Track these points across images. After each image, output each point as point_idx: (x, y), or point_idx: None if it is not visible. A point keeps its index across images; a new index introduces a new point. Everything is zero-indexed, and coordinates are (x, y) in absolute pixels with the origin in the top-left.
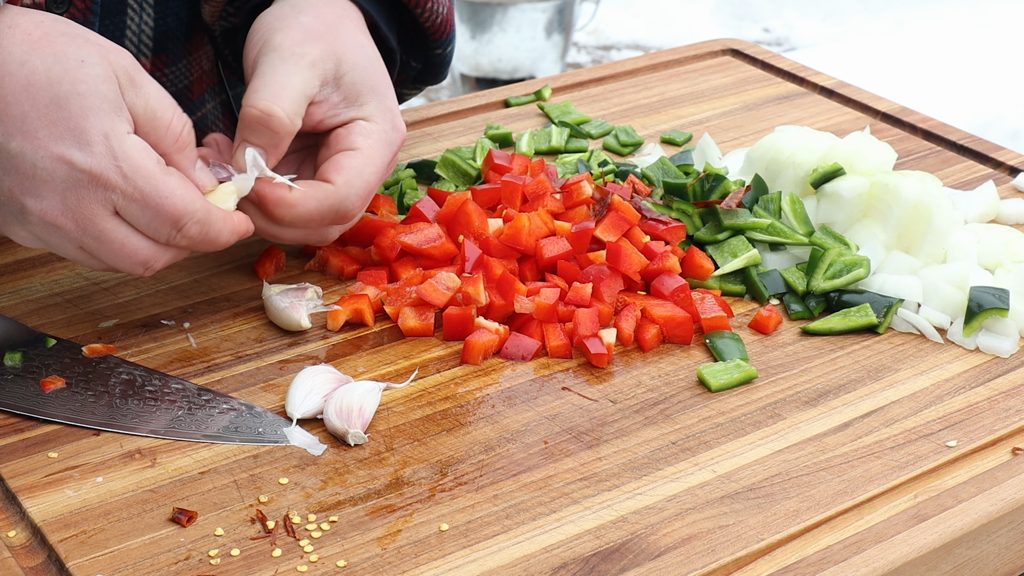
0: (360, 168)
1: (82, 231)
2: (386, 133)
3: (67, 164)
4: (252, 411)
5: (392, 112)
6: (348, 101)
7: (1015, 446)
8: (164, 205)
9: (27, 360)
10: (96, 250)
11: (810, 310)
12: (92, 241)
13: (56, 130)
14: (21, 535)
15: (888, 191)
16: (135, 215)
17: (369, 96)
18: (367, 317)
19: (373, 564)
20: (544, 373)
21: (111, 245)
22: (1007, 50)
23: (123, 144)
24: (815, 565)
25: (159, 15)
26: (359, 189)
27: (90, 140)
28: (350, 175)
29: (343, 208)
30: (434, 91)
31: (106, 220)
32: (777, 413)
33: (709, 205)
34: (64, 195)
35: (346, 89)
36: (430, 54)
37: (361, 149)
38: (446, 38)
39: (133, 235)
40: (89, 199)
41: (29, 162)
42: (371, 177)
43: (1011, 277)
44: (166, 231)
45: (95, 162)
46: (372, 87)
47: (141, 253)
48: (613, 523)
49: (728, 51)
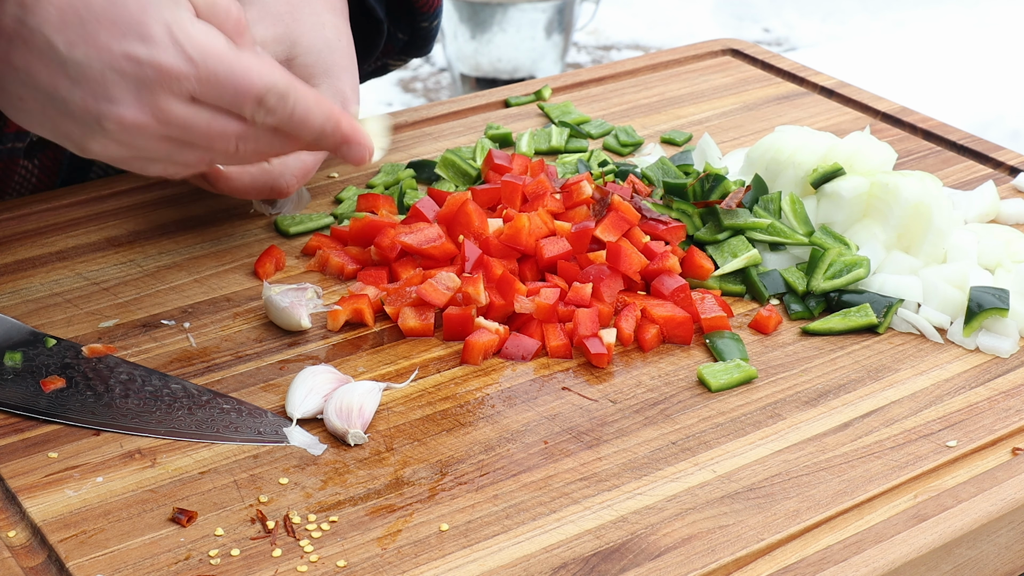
0: None
1: (164, 124)
2: None
3: (134, 61)
4: (252, 411)
5: (343, 95)
6: None
7: (1015, 446)
8: (242, 82)
9: (27, 360)
10: (185, 136)
11: (810, 310)
12: (178, 130)
13: (117, 29)
14: (21, 535)
15: (888, 191)
16: (215, 97)
17: (320, 80)
18: (367, 317)
19: (373, 564)
20: (544, 373)
21: (197, 129)
22: (1007, 50)
23: (187, 31)
24: (815, 565)
25: None
26: (294, 169)
27: (152, 33)
28: (288, 156)
29: (277, 185)
30: (434, 91)
31: (186, 109)
32: (777, 413)
33: (709, 205)
34: (138, 93)
35: (297, 72)
36: (416, 27)
37: None
38: (433, 11)
39: (218, 116)
40: (164, 92)
41: (96, 68)
42: (308, 158)
43: (1011, 277)
44: (250, 108)
45: (162, 54)
46: (325, 71)
47: (231, 128)
48: (613, 523)
49: (728, 51)
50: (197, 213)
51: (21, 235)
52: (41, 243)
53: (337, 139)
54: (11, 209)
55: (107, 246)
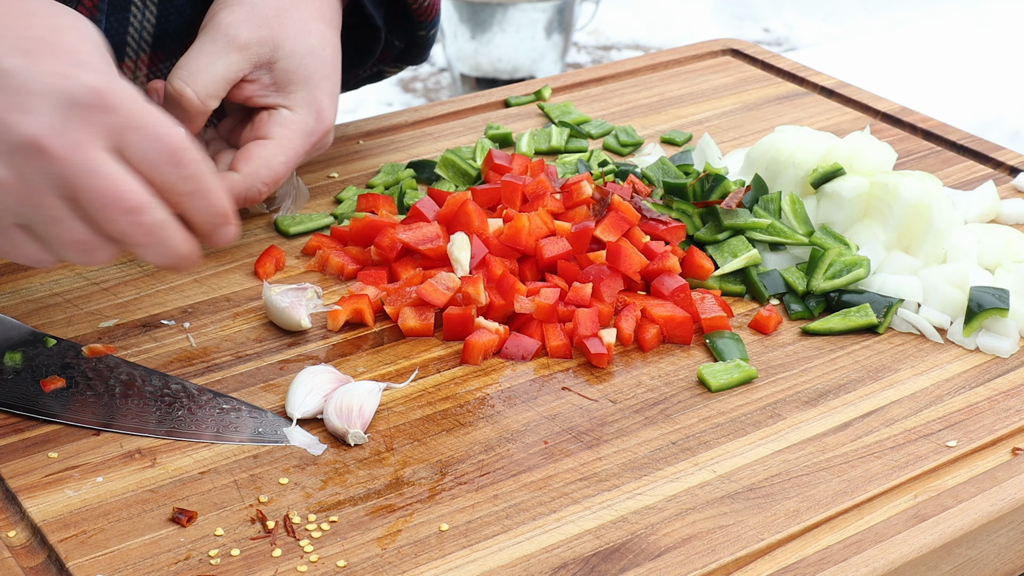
0: (268, 158)
1: (72, 160)
2: (306, 124)
3: (67, 79)
4: (252, 411)
5: (318, 104)
6: (277, 87)
7: (1015, 446)
8: (163, 134)
9: (27, 360)
10: (82, 187)
11: (810, 310)
12: (81, 175)
13: (55, 51)
14: (21, 535)
15: (888, 191)
16: (135, 143)
17: (298, 86)
18: (367, 317)
19: (373, 564)
20: (544, 373)
21: (101, 180)
22: (1007, 50)
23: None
24: (815, 565)
25: (162, 13)
26: (264, 177)
27: (89, 62)
28: (257, 164)
29: (249, 195)
30: (434, 91)
31: (100, 150)
32: (777, 413)
33: (709, 205)
34: (60, 112)
35: (277, 75)
36: (414, 35)
37: (275, 139)
38: (431, 20)
39: (127, 174)
40: (87, 121)
41: (24, 77)
42: (279, 167)
43: (1011, 277)
44: (164, 167)
45: (96, 79)
46: (304, 77)
47: (133, 195)
48: (613, 523)
49: (728, 51)
50: None
51: None
52: None
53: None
54: None
55: None
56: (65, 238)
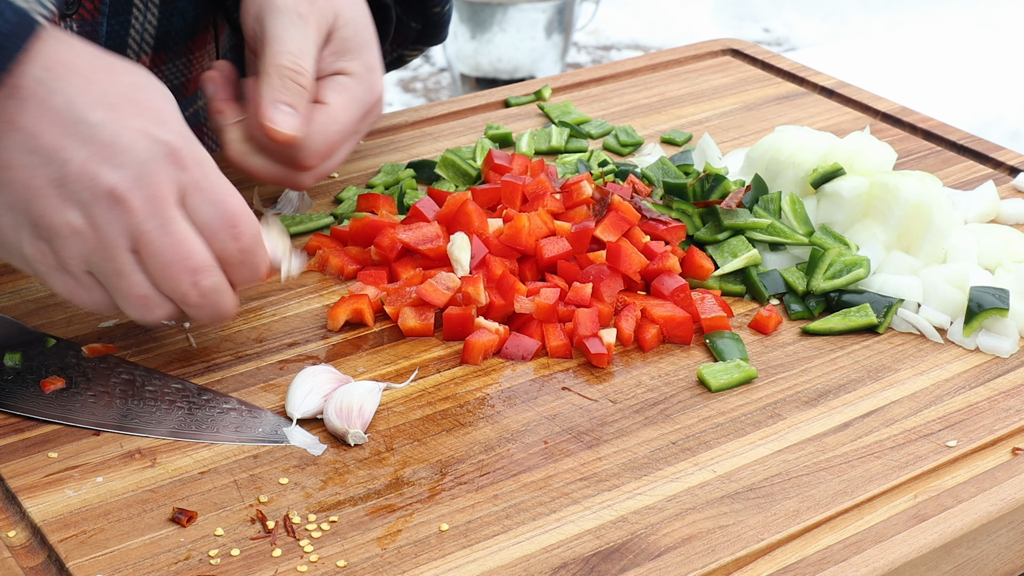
0: (324, 124)
1: (149, 213)
2: (361, 92)
3: (148, 136)
4: (252, 411)
5: (372, 71)
6: (336, 55)
7: (1015, 446)
8: (228, 202)
9: (27, 360)
10: (154, 242)
11: (810, 310)
12: (155, 228)
13: (138, 108)
14: (21, 535)
15: (888, 191)
16: (199, 206)
17: (355, 53)
18: (367, 317)
19: (373, 564)
20: (544, 373)
21: (172, 237)
22: (1007, 50)
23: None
24: (815, 565)
25: (163, 15)
26: (319, 144)
27: (168, 121)
28: (312, 131)
29: (299, 159)
30: (434, 91)
31: (174, 207)
32: (777, 413)
33: (709, 205)
34: (141, 167)
35: (336, 44)
36: (428, 13)
37: (330, 105)
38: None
39: (193, 234)
40: (164, 176)
41: (111, 131)
42: (334, 135)
43: (1011, 277)
44: (223, 234)
45: (175, 139)
46: (360, 44)
47: (197, 256)
48: (613, 523)
49: (728, 51)
50: None
51: None
52: None
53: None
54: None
55: None
56: (128, 291)
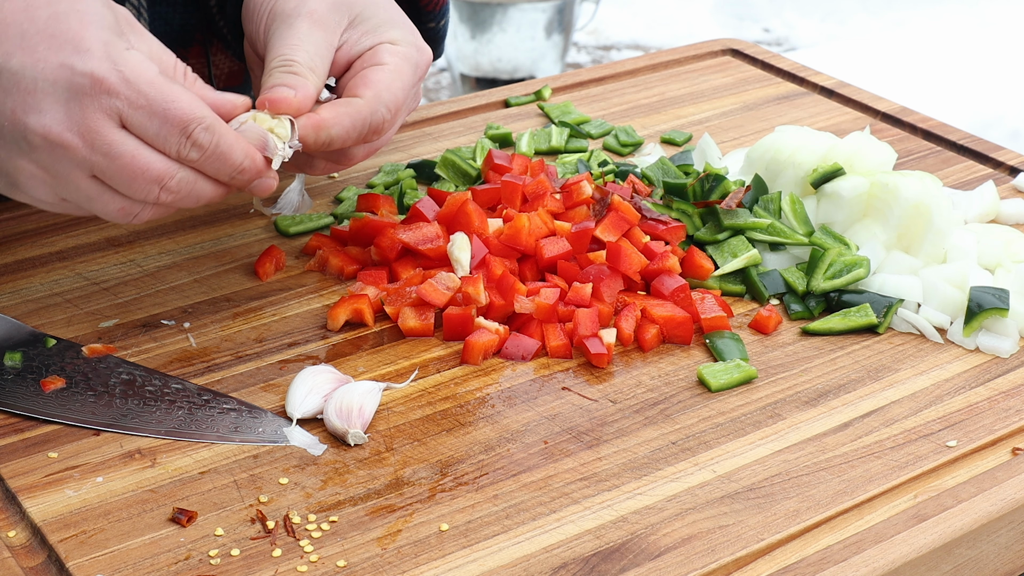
0: (388, 82)
1: (89, 146)
2: (411, 54)
3: (68, 70)
4: (252, 411)
5: (415, 36)
6: (368, 32)
7: (1015, 446)
8: (170, 109)
9: (27, 360)
10: (106, 169)
11: (810, 310)
12: (101, 158)
13: (55, 42)
14: (21, 535)
15: (888, 191)
16: (141, 123)
17: (389, 26)
18: (367, 317)
19: (373, 564)
20: (544, 373)
21: (121, 160)
22: (1007, 50)
23: (122, 53)
24: (815, 565)
25: (153, 19)
26: (388, 102)
27: (90, 47)
28: (378, 88)
29: (375, 120)
30: (434, 91)
31: (113, 131)
32: (777, 413)
33: (709, 205)
34: (67, 105)
35: (364, 25)
36: (423, 28)
37: (387, 64)
38: (439, 10)
39: (143, 148)
40: (93, 107)
41: (30, 76)
42: (399, 92)
43: (1011, 277)
44: (175, 139)
45: (96, 65)
46: (389, 18)
47: (154, 167)
48: (613, 523)
49: (728, 51)
50: (197, 213)
51: (21, 235)
52: (41, 243)
53: (252, 176)
54: (11, 209)
55: (107, 246)
56: (105, 209)
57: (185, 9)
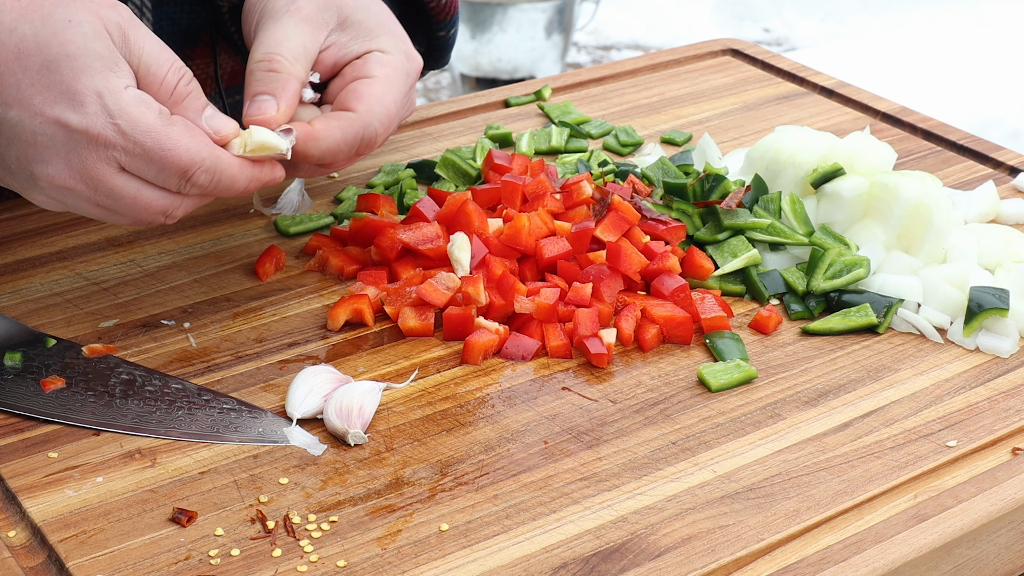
0: (380, 95)
1: (93, 190)
2: (402, 63)
3: (63, 127)
4: (252, 411)
5: (405, 44)
6: (358, 37)
7: (1015, 446)
8: (168, 157)
9: (27, 360)
10: (113, 206)
11: (810, 310)
12: (106, 199)
13: (50, 95)
14: (21, 535)
15: (888, 191)
16: (141, 169)
17: (379, 31)
18: (367, 317)
19: (373, 564)
20: (544, 373)
21: (125, 200)
22: (1007, 50)
23: (118, 100)
24: (815, 565)
25: (156, 19)
26: (381, 115)
27: (83, 100)
28: (371, 102)
29: (367, 135)
30: (434, 91)
31: (114, 177)
32: (777, 413)
33: (709, 205)
34: (67, 158)
35: (354, 29)
36: (433, 37)
37: (378, 77)
38: (450, 19)
39: (145, 188)
40: (92, 159)
41: (28, 129)
42: (391, 105)
43: (1011, 277)
44: (175, 182)
45: (90, 122)
46: (380, 23)
47: (156, 204)
48: (613, 523)
49: (728, 51)
50: (197, 213)
51: (21, 235)
52: (41, 243)
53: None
54: (11, 209)
55: (107, 246)
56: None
57: (192, 9)
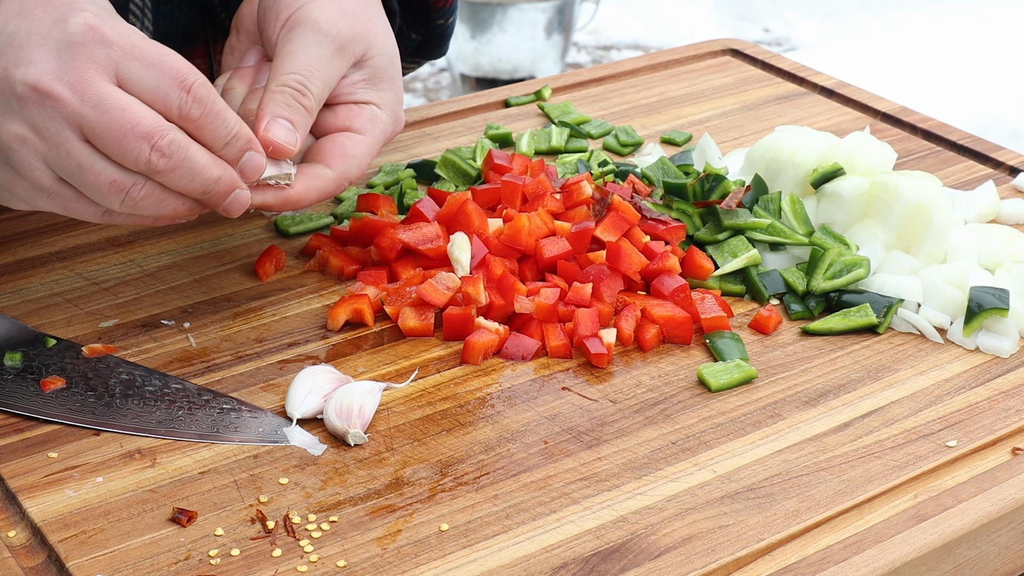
0: (361, 156)
1: (80, 98)
2: (388, 124)
3: (62, 23)
4: (252, 411)
5: (399, 103)
6: (368, 83)
7: (1015, 446)
8: (167, 60)
9: (27, 360)
10: (96, 124)
11: (810, 310)
12: (91, 111)
13: (52, 6)
14: (21, 535)
15: (888, 191)
16: (138, 75)
17: (386, 84)
18: (367, 317)
19: (373, 564)
20: (544, 373)
21: (111, 113)
22: (1007, 50)
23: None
24: (815, 565)
25: (157, 18)
26: (354, 174)
27: (84, 6)
28: (349, 164)
29: (337, 190)
30: (434, 91)
31: (104, 84)
32: (777, 413)
33: (709, 205)
34: (59, 55)
35: (368, 72)
36: (431, 25)
37: (367, 135)
38: (448, 7)
39: (135, 102)
40: (85, 57)
41: (23, 34)
42: (365, 164)
43: (1011, 277)
44: (173, 92)
45: (90, 18)
46: (390, 76)
47: (144, 122)
48: (613, 523)
49: (728, 51)
50: None
51: (21, 235)
52: (41, 243)
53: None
54: (11, 209)
55: (107, 246)
56: (97, 182)
57: (191, 9)
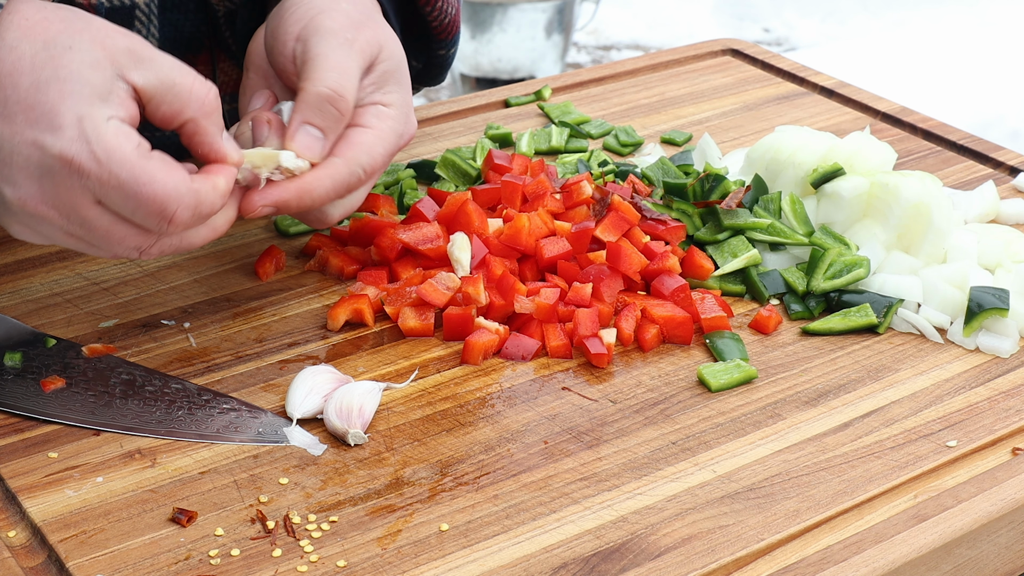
0: (370, 145)
1: (66, 219)
2: (399, 123)
3: (39, 148)
4: (252, 411)
5: (409, 107)
6: (376, 87)
7: (1015, 446)
8: (144, 192)
9: (27, 360)
10: (87, 237)
11: (810, 310)
12: (79, 228)
13: (32, 115)
14: (21, 535)
15: (888, 191)
16: (117, 203)
17: (393, 87)
18: (367, 317)
19: (373, 564)
20: (544, 373)
21: (97, 232)
22: (1007, 50)
23: (98, 127)
24: (815, 565)
25: (163, 25)
26: (365, 164)
27: (63, 124)
28: (358, 150)
29: (350, 181)
30: (434, 91)
31: (88, 208)
32: (777, 413)
33: (709, 205)
34: (41, 182)
35: (378, 76)
36: (433, 54)
37: (373, 128)
38: (451, 39)
39: (118, 223)
40: (66, 186)
41: (7, 148)
42: (378, 157)
43: (1011, 277)
44: (154, 221)
45: (66, 146)
46: (398, 80)
47: (129, 240)
48: (613, 523)
49: (728, 51)
50: None
51: None
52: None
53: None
54: None
55: None
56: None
57: (196, 16)
